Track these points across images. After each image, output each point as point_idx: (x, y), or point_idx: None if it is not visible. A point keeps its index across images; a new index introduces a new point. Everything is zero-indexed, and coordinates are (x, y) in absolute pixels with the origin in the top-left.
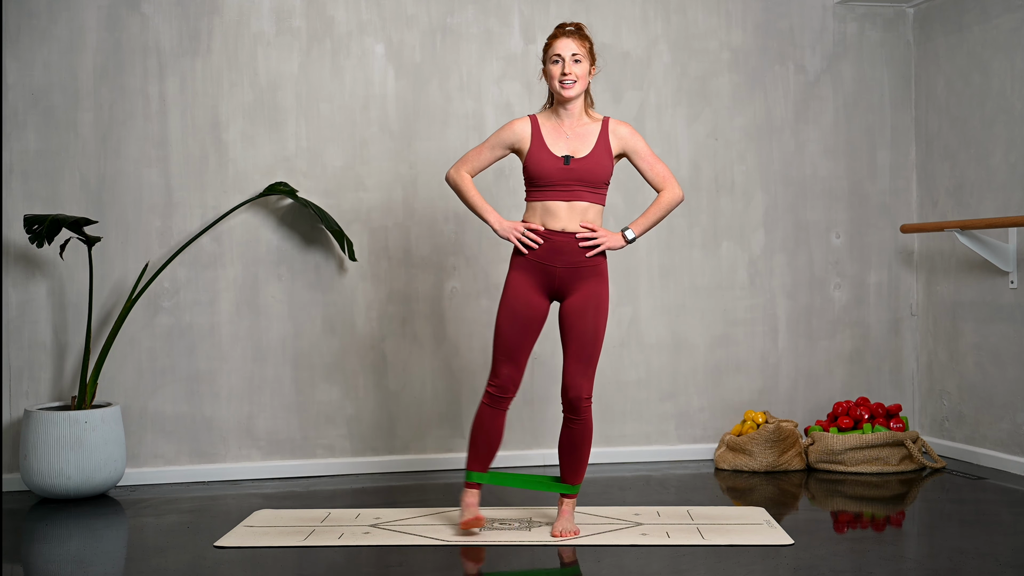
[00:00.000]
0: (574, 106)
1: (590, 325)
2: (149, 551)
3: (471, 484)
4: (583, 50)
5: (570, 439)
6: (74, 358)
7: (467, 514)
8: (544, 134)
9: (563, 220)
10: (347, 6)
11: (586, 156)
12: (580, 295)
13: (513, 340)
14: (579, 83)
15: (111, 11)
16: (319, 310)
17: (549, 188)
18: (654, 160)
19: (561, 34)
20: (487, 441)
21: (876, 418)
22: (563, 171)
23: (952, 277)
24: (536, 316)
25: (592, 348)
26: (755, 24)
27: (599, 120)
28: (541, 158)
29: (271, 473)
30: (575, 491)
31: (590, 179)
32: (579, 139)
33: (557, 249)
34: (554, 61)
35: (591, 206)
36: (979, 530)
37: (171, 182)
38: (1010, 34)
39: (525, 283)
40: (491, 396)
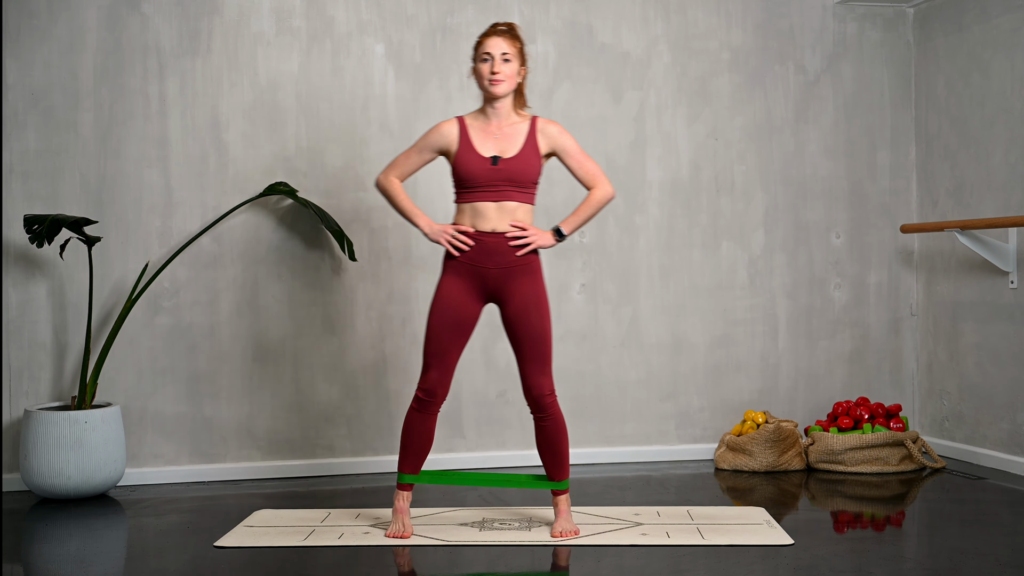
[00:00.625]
0: (502, 105)
1: (536, 325)
2: (149, 551)
3: (403, 486)
4: (513, 50)
5: (544, 437)
6: (74, 358)
7: (396, 524)
8: (471, 135)
9: (493, 221)
10: (347, 6)
11: (514, 156)
12: (519, 297)
13: (443, 344)
14: (507, 82)
15: (111, 11)
16: (319, 310)
17: (477, 189)
18: (583, 158)
19: (493, 33)
20: (419, 445)
21: (876, 418)
22: (491, 172)
23: (952, 277)
24: (467, 320)
25: (543, 346)
26: (755, 24)
27: (527, 119)
28: (469, 159)
29: (271, 473)
30: (565, 486)
31: (518, 179)
32: (507, 139)
33: (488, 250)
34: (483, 60)
35: (520, 206)
36: (979, 530)
37: (171, 182)
38: (1010, 34)
39: (458, 286)
40: (420, 401)
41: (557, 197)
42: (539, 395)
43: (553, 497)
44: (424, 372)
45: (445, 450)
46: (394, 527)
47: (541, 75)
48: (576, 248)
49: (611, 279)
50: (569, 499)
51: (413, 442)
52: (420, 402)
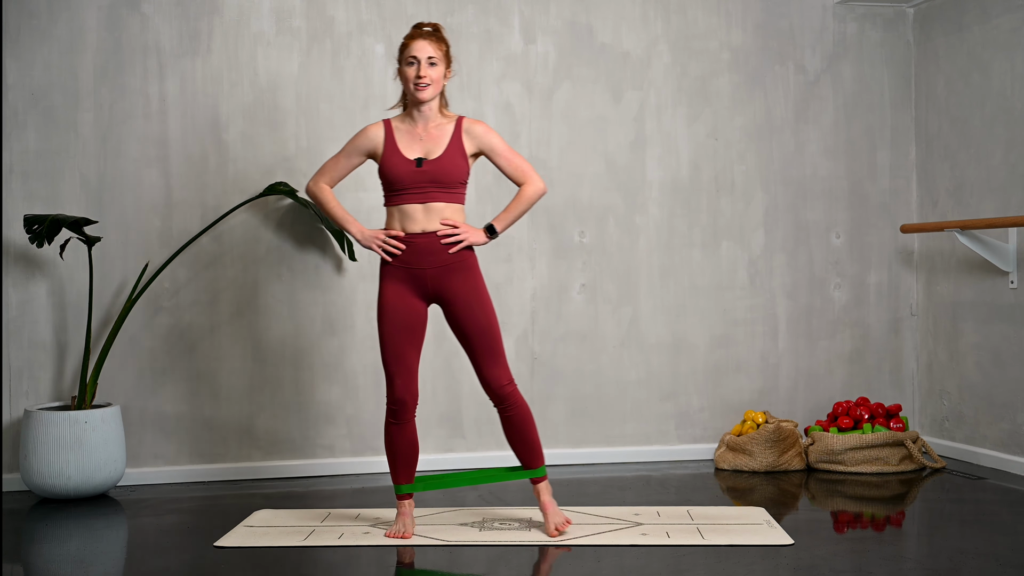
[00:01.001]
0: (428, 108)
1: (480, 318)
2: (149, 551)
3: (402, 496)
4: (439, 53)
5: (512, 427)
6: (74, 358)
7: (398, 525)
8: (397, 138)
9: (421, 222)
10: (347, 6)
11: (439, 157)
12: (460, 295)
13: (398, 350)
14: (433, 86)
15: (111, 11)
16: (319, 310)
17: (404, 191)
18: (511, 155)
19: (418, 35)
20: (406, 455)
21: (876, 418)
22: (416, 173)
23: (952, 277)
24: (417, 321)
25: (492, 338)
26: (755, 24)
27: (453, 120)
28: (394, 162)
29: (271, 473)
30: (542, 473)
31: (444, 180)
32: (432, 140)
33: (421, 251)
34: (409, 63)
35: (448, 206)
36: (979, 530)
37: (171, 182)
38: (1010, 34)
39: (398, 291)
40: (393, 412)
41: (558, 198)
42: (498, 387)
43: (534, 488)
44: (389, 384)
45: (445, 450)
46: (396, 528)
47: (541, 75)
48: (576, 248)
49: (611, 279)
50: (549, 487)
51: (400, 454)
52: (394, 414)
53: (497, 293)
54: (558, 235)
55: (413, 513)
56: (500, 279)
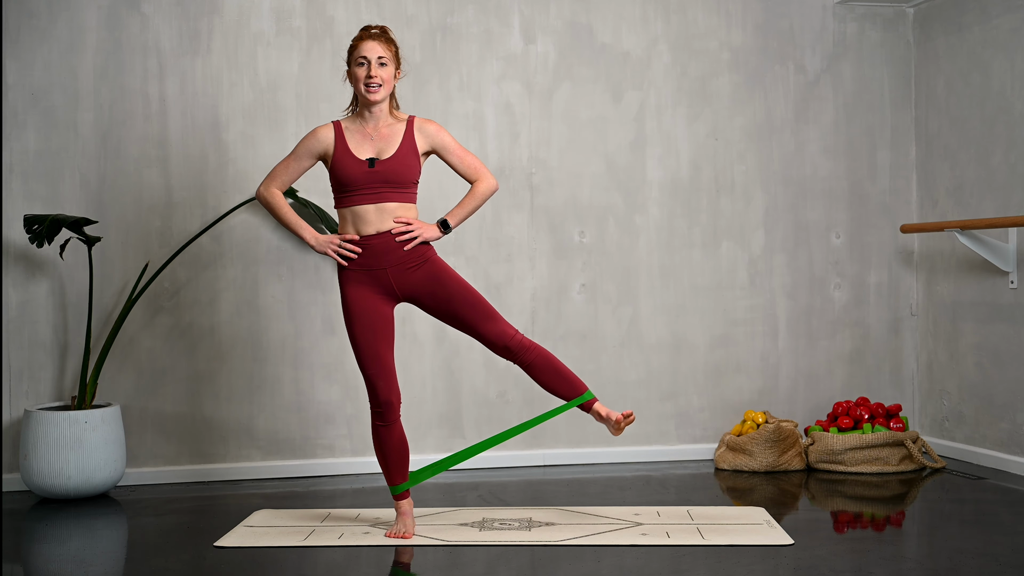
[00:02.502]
0: (379, 109)
1: (457, 291)
2: (149, 551)
3: (400, 496)
4: (389, 53)
5: (537, 370)
6: (74, 358)
7: (398, 525)
8: (348, 139)
9: (374, 223)
10: (347, 6)
11: (391, 157)
12: (425, 287)
13: (371, 351)
14: (384, 87)
15: (111, 11)
16: (319, 310)
17: (355, 192)
18: (463, 153)
19: (367, 36)
20: (397, 455)
21: (876, 418)
22: (368, 174)
23: (952, 277)
24: (386, 322)
25: (477, 303)
26: (755, 24)
27: (404, 119)
28: (346, 163)
29: (271, 473)
30: (590, 396)
31: (396, 180)
32: (384, 140)
33: (378, 252)
34: (359, 64)
35: (400, 205)
36: (979, 530)
37: (171, 182)
38: (1010, 34)
39: (362, 294)
40: (379, 415)
41: (558, 198)
42: (508, 339)
43: (592, 410)
44: (371, 388)
45: (445, 450)
46: (397, 528)
47: (541, 75)
48: (576, 248)
49: (611, 279)
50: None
51: (391, 455)
52: (380, 416)
53: (497, 293)
54: (558, 235)
55: (413, 512)
56: (500, 279)
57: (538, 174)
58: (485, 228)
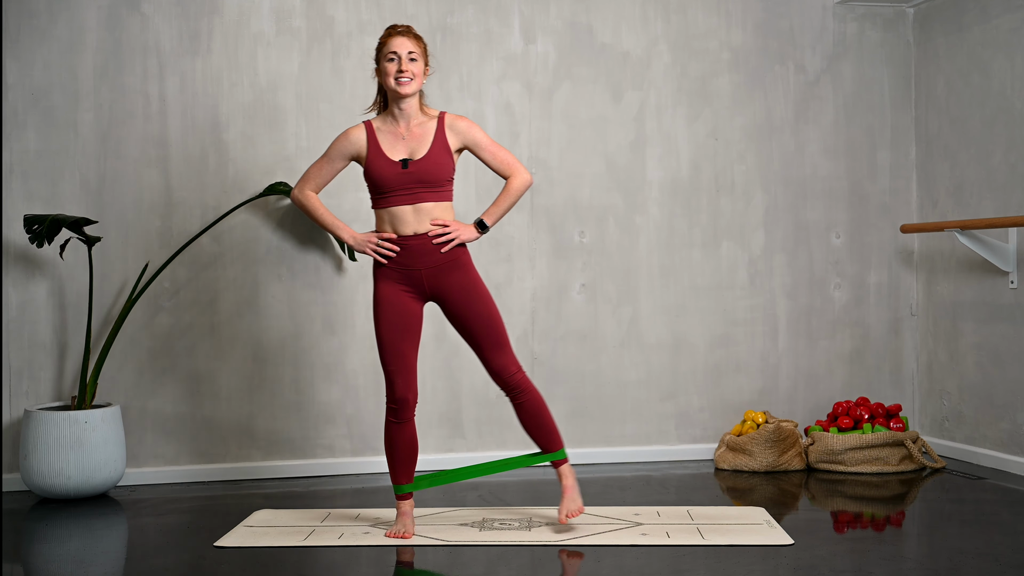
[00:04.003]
0: (409, 106)
1: (482, 312)
2: (149, 551)
3: (402, 496)
4: (418, 49)
5: (526, 414)
6: (74, 358)
7: (398, 525)
8: (380, 139)
9: (412, 224)
10: (347, 6)
11: (424, 157)
12: (456, 291)
13: (396, 349)
14: (415, 81)
15: (111, 11)
16: (319, 310)
17: (391, 193)
18: (496, 148)
19: (395, 33)
20: (406, 454)
21: (876, 418)
22: (402, 175)
23: (952, 277)
24: (413, 320)
25: (494, 328)
26: (755, 24)
27: (435, 117)
28: (379, 165)
29: (271, 473)
30: (563, 455)
31: (430, 179)
32: (416, 140)
33: (414, 253)
34: (389, 59)
35: (437, 205)
36: (979, 530)
37: (171, 182)
38: (1010, 34)
39: (395, 291)
40: (393, 411)
41: (558, 198)
42: (507, 376)
43: (557, 471)
44: (389, 384)
45: (445, 450)
46: (396, 528)
47: (541, 75)
48: (576, 248)
49: (611, 279)
50: (572, 470)
51: (399, 453)
52: (395, 413)
53: (497, 293)
54: (558, 235)
55: (413, 513)
56: (500, 279)
57: (538, 174)
58: None
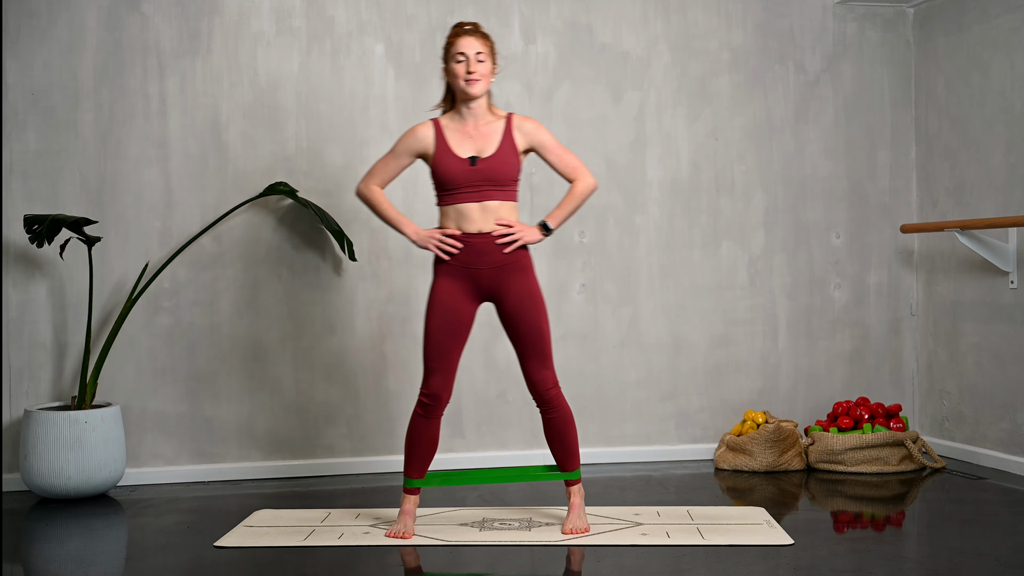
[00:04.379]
0: (478, 105)
1: (533, 321)
2: (149, 551)
3: (410, 490)
4: (486, 49)
5: (553, 430)
6: (74, 358)
7: (399, 524)
8: (448, 137)
9: (477, 222)
10: (347, 6)
11: (492, 155)
12: (513, 295)
13: (443, 347)
14: (483, 81)
15: (111, 11)
16: (319, 310)
17: (458, 191)
18: (562, 151)
19: (463, 33)
20: (424, 449)
21: (876, 418)
22: (470, 172)
23: (952, 277)
24: (463, 322)
25: (542, 341)
26: (755, 24)
27: (503, 117)
28: (447, 162)
29: (271, 473)
30: (576, 476)
31: (498, 178)
32: (484, 138)
33: (477, 251)
34: (458, 60)
35: (503, 204)
36: (979, 530)
37: (171, 182)
38: (1010, 34)
39: (451, 289)
40: (424, 406)
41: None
42: (543, 389)
43: (566, 489)
44: (426, 377)
45: (445, 450)
46: (397, 527)
47: (541, 75)
48: (576, 248)
49: (611, 279)
50: (582, 491)
51: (419, 447)
52: (425, 407)
53: None
54: (558, 235)
55: (416, 512)
56: None
57: (538, 174)
58: None
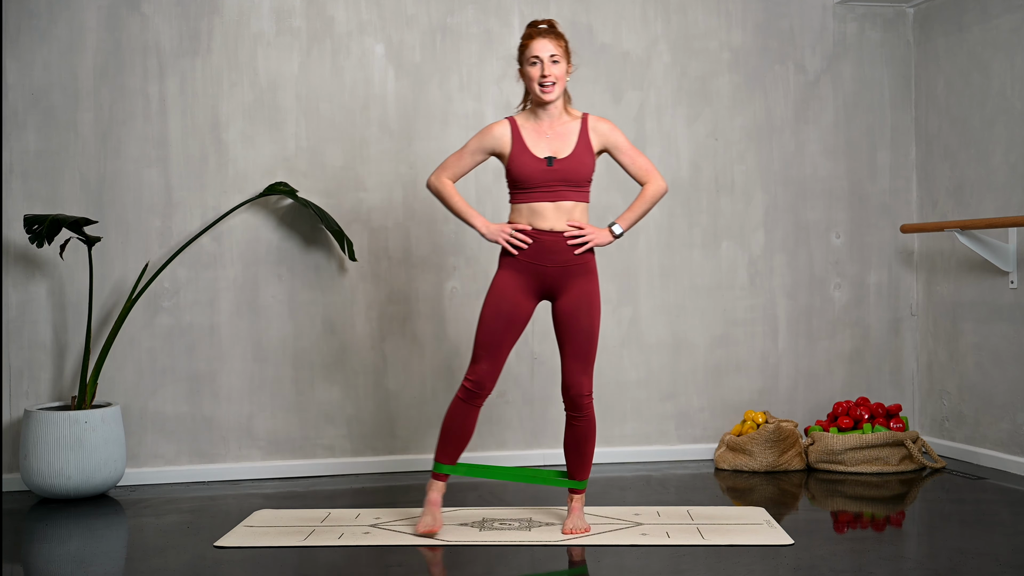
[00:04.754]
0: (554, 106)
1: (585, 324)
2: (149, 551)
3: (439, 476)
4: (560, 50)
5: (574, 436)
6: (74, 358)
7: (426, 518)
8: (524, 136)
9: (550, 220)
10: (347, 6)
11: (568, 156)
12: (572, 295)
13: (495, 337)
14: (558, 84)
15: (111, 11)
16: (319, 310)
17: (534, 190)
18: (635, 154)
19: (536, 34)
20: (459, 436)
21: (876, 418)
22: (547, 172)
23: (952, 277)
24: (520, 316)
25: (589, 346)
26: (755, 24)
27: (578, 118)
28: (524, 161)
29: (271, 473)
30: (583, 486)
31: (574, 178)
32: (560, 139)
33: (546, 249)
34: (532, 63)
35: (577, 204)
36: (979, 530)
37: (171, 182)
38: (1010, 34)
39: (513, 283)
40: (467, 391)
41: None
42: (577, 394)
43: (569, 494)
44: (473, 363)
45: None
46: (424, 521)
47: None
48: None
49: (611, 279)
50: (584, 499)
51: (455, 432)
52: (468, 393)
53: None
54: None
55: (441, 504)
56: None
57: None
58: None
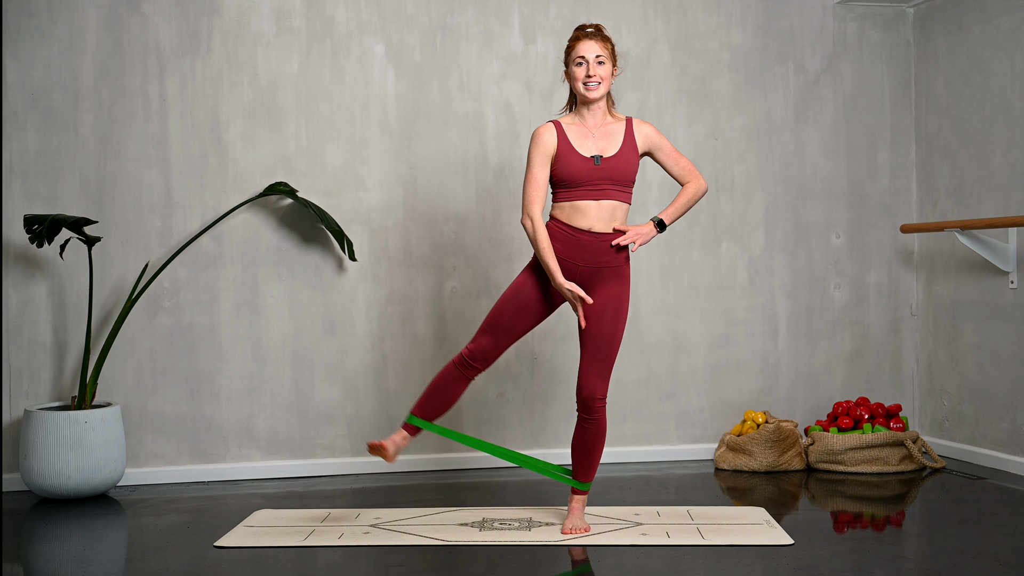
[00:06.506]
0: (598, 107)
1: (608, 327)
2: (149, 551)
3: (408, 427)
4: (606, 52)
5: (582, 438)
6: (74, 358)
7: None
8: (570, 137)
9: (591, 219)
10: (347, 6)
11: (615, 155)
12: (602, 296)
13: (504, 319)
14: (603, 85)
15: (111, 11)
16: (319, 310)
17: (579, 188)
18: (678, 156)
19: (583, 36)
20: (441, 399)
21: (876, 418)
22: (593, 171)
23: (952, 277)
24: (534, 307)
25: (609, 350)
26: (755, 24)
27: (622, 120)
28: (570, 160)
29: (271, 473)
30: (586, 488)
31: (620, 177)
32: (606, 138)
33: (581, 247)
34: (578, 63)
35: (619, 205)
36: (979, 530)
37: (171, 182)
38: (1010, 34)
39: (536, 284)
40: (462, 359)
41: None
42: (590, 396)
43: (571, 494)
44: (477, 335)
45: (445, 450)
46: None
47: (541, 75)
48: None
49: None
50: (586, 500)
51: (437, 395)
52: (462, 360)
53: (497, 293)
54: None
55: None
56: (500, 279)
57: None
58: (485, 228)
